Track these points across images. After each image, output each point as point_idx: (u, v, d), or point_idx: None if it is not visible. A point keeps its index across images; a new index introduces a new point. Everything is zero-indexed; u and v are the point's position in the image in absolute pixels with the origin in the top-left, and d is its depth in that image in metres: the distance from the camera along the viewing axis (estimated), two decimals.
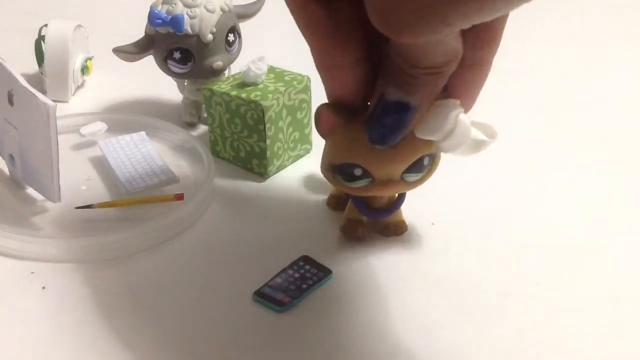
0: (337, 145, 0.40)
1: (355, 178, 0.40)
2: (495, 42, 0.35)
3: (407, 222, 0.46)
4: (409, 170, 0.40)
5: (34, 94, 0.45)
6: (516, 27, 0.36)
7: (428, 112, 0.37)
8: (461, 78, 0.36)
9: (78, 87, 0.68)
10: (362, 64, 0.36)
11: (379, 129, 0.36)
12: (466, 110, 0.38)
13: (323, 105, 0.39)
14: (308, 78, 0.53)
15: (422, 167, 0.40)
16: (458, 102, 0.37)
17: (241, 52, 0.59)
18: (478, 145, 0.39)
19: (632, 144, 0.58)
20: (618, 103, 0.65)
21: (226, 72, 0.59)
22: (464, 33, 0.34)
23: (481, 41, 0.35)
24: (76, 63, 0.65)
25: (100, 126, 0.57)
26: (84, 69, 0.67)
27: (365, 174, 0.40)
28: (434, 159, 0.41)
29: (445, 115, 0.36)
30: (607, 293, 0.42)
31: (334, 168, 0.40)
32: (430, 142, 0.39)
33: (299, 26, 0.35)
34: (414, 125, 0.37)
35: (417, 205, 0.46)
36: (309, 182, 0.53)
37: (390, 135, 0.36)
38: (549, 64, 0.73)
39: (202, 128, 0.60)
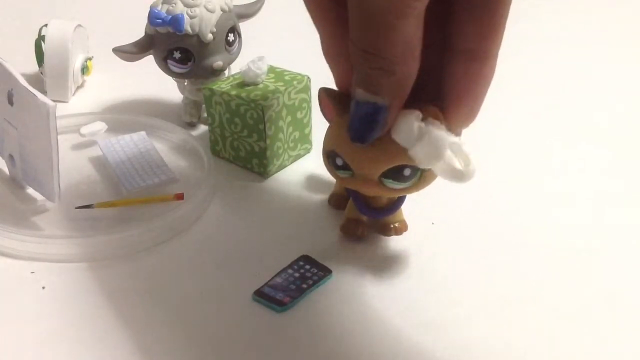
0: (331, 131, 0.41)
1: (338, 167, 0.40)
2: (499, 31, 0.35)
3: (407, 222, 0.46)
4: (388, 175, 0.39)
5: (34, 94, 0.45)
6: (515, 26, 0.36)
7: (400, 116, 0.36)
8: (466, 71, 0.36)
9: (78, 87, 0.68)
10: None
11: (354, 126, 0.37)
12: (471, 118, 0.38)
13: (322, 90, 0.40)
14: (308, 78, 0.53)
15: (402, 176, 0.39)
16: (420, 114, 0.36)
17: (241, 52, 0.59)
18: (455, 174, 0.37)
19: (633, 145, 0.58)
20: (618, 103, 0.65)
21: (226, 72, 0.59)
22: (465, 25, 0.34)
23: (485, 29, 0.35)
24: (76, 63, 0.65)
25: (100, 126, 0.57)
26: (84, 69, 0.67)
27: (346, 165, 0.40)
28: (422, 174, 0.40)
29: (409, 123, 0.36)
30: (607, 294, 0.42)
31: (327, 153, 0.41)
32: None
33: (309, 12, 0.36)
34: (391, 125, 0.37)
35: (417, 205, 0.46)
36: (309, 182, 0.53)
37: (365, 134, 0.36)
38: (549, 64, 0.73)
39: (202, 128, 0.60)
